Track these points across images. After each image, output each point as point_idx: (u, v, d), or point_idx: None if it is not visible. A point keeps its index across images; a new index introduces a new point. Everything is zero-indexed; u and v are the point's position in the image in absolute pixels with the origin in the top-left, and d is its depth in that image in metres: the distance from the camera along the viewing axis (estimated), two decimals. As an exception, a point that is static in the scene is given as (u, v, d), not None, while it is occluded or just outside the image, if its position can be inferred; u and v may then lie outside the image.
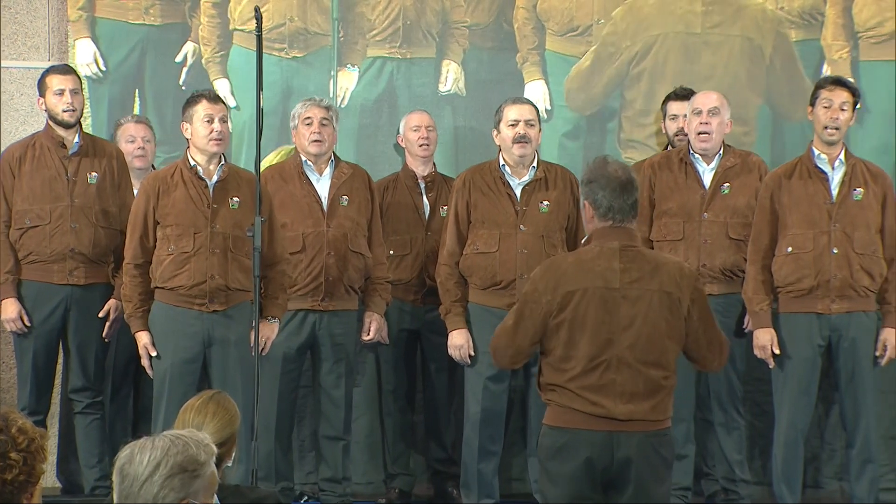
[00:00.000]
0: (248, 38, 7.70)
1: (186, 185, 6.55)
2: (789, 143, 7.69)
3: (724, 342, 4.87)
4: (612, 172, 4.76)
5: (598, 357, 4.66)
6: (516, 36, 7.77)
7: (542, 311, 4.71)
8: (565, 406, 4.70)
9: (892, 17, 7.63)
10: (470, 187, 6.95)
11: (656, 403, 4.70)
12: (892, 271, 6.80)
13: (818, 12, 7.70)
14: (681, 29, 7.71)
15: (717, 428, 7.07)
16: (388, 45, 7.77)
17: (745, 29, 7.70)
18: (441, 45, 7.78)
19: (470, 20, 7.79)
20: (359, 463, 7.44)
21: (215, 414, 4.13)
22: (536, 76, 7.78)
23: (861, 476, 6.82)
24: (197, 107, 6.59)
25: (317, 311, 6.94)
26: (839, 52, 7.67)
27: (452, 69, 7.78)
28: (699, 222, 6.98)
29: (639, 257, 4.73)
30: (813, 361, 6.78)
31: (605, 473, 4.68)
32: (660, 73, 7.74)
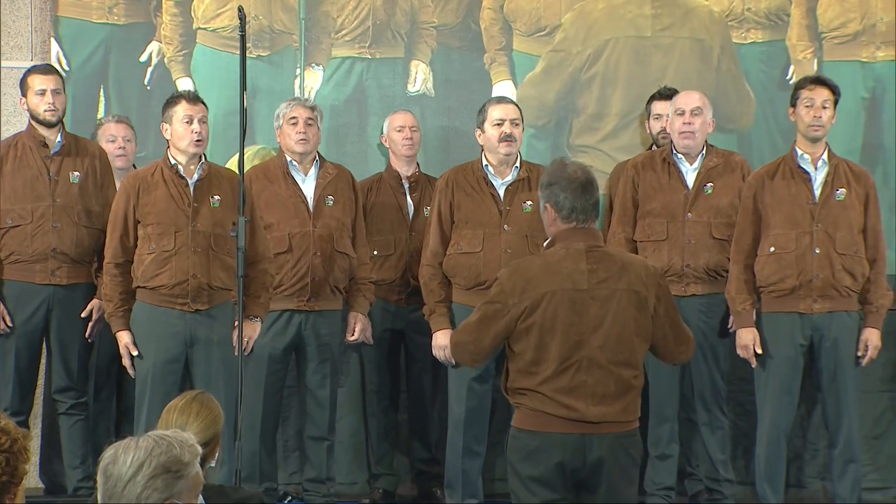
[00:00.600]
0: (212, 36, 7.69)
1: (167, 183, 6.54)
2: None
3: (690, 338, 4.89)
4: (571, 174, 4.77)
5: (569, 359, 4.66)
6: (483, 36, 7.77)
7: (509, 313, 4.71)
8: (537, 409, 4.69)
9: (856, 18, 7.68)
10: (453, 187, 6.95)
11: (627, 404, 4.71)
12: (874, 271, 6.82)
13: (784, 13, 7.73)
14: (631, 33, 7.73)
15: (701, 427, 7.07)
16: (357, 46, 7.75)
17: (695, 31, 7.73)
18: (409, 46, 7.77)
19: (438, 20, 7.78)
20: (342, 463, 7.43)
21: (199, 414, 4.12)
22: (504, 76, 7.78)
23: (843, 476, 6.84)
24: (177, 107, 6.58)
25: (302, 312, 6.93)
26: (804, 53, 7.71)
27: (421, 69, 7.77)
28: (683, 222, 6.99)
29: (605, 257, 4.74)
30: (795, 361, 6.80)
31: (576, 475, 4.68)
32: (611, 78, 7.74)
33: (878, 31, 7.66)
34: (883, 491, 7.56)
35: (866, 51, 7.68)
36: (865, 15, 7.65)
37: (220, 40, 7.73)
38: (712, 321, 6.99)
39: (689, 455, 7.23)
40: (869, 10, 7.65)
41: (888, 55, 7.68)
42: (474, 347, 4.80)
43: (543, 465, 4.67)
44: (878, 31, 7.66)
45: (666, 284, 4.83)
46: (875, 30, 7.66)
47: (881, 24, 7.65)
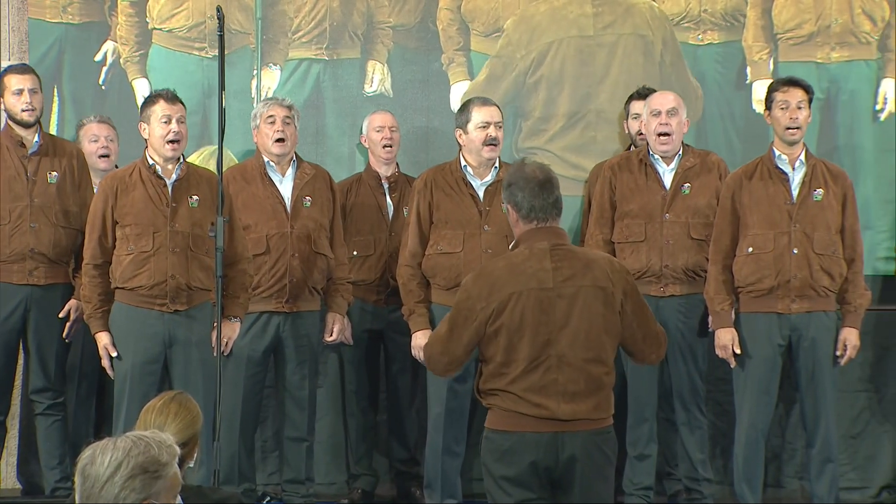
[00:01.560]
0: (168, 37, 7.67)
1: (145, 184, 6.53)
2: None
3: (661, 337, 4.87)
4: (529, 173, 4.78)
5: (538, 358, 4.66)
6: (441, 37, 7.76)
7: (477, 318, 4.70)
8: (509, 410, 4.69)
9: (811, 19, 7.71)
10: (432, 188, 6.94)
11: (598, 402, 4.70)
12: (852, 271, 6.84)
13: (740, 14, 7.75)
14: (574, 33, 7.74)
15: (680, 427, 7.08)
16: (314, 47, 7.74)
17: (637, 26, 7.74)
18: (366, 46, 7.76)
19: (395, 21, 7.77)
20: (321, 463, 7.42)
21: (177, 414, 4.11)
22: (462, 77, 7.77)
23: (821, 475, 6.85)
24: (154, 107, 6.57)
25: (281, 313, 6.92)
26: (759, 54, 7.73)
27: (378, 70, 7.76)
28: (661, 223, 7.00)
29: (569, 255, 4.74)
30: (773, 361, 6.81)
31: (549, 473, 4.68)
32: (556, 79, 7.74)
33: (833, 32, 7.71)
34: (860, 490, 7.59)
35: (821, 52, 7.72)
36: (820, 16, 7.70)
37: (176, 41, 7.70)
38: (691, 321, 7.00)
39: (667, 455, 7.24)
40: (824, 11, 7.70)
41: (843, 56, 7.72)
42: (447, 359, 4.81)
43: (517, 465, 4.67)
44: (833, 32, 7.71)
45: (633, 281, 4.81)
46: (830, 31, 7.71)
47: (836, 25, 7.69)
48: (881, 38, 7.72)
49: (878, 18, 7.71)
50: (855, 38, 7.71)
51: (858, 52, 7.73)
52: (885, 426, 7.64)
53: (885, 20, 7.71)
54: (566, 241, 4.79)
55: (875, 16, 7.71)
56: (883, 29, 7.72)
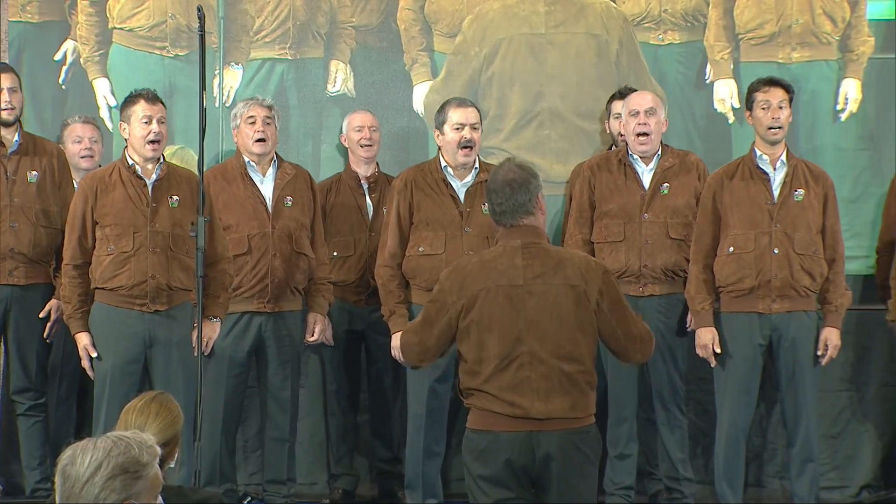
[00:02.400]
0: (128, 36, 7.65)
1: (125, 184, 6.51)
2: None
3: (645, 336, 4.82)
4: (502, 175, 4.79)
5: (509, 355, 4.66)
6: (403, 37, 7.76)
7: (448, 312, 4.73)
8: (485, 409, 4.70)
9: (772, 20, 7.74)
10: (412, 188, 6.93)
11: (574, 400, 4.68)
12: (833, 271, 6.86)
13: (701, 14, 7.78)
14: (525, 30, 7.75)
15: (660, 427, 7.09)
16: (277, 47, 7.72)
17: (590, 26, 7.75)
18: (329, 46, 7.75)
19: (358, 21, 7.76)
20: (302, 464, 7.42)
21: (157, 414, 4.11)
22: (425, 78, 7.77)
23: (801, 475, 6.87)
24: (135, 107, 6.55)
25: (263, 314, 6.91)
26: (721, 54, 7.76)
27: (341, 69, 7.75)
28: (640, 223, 7.00)
29: (541, 253, 4.74)
30: (754, 361, 6.83)
31: (527, 472, 4.68)
32: (508, 77, 7.75)
33: (794, 32, 7.74)
34: (841, 490, 7.61)
35: (782, 52, 7.75)
36: (781, 16, 7.73)
37: (137, 40, 7.68)
38: (670, 321, 7.01)
39: (648, 454, 7.25)
40: (785, 11, 7.73)
41: (804, 56, 7.76)
42: (419, 348, 4.83)
43: (493, 464, 4.68)
44: (794, 32, 7.74)
45: (611, 280, 4.78)
46: (791, 31, 7.74)
47: (797, 25, 7.73)
48: (842, 38, 7.76)
49: (839, 19, 7.75)
50: (816, 38, 7.75)
51: (819, 52, 7.76)
52: (866, 426, 7.66)
53: (845, 21, 7.75)
54: (541, 240, 4.78)
55: (835, 16, 7.75)
56: (843, 29, 7.76)
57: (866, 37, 7.75)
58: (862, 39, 7.75)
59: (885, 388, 7.62)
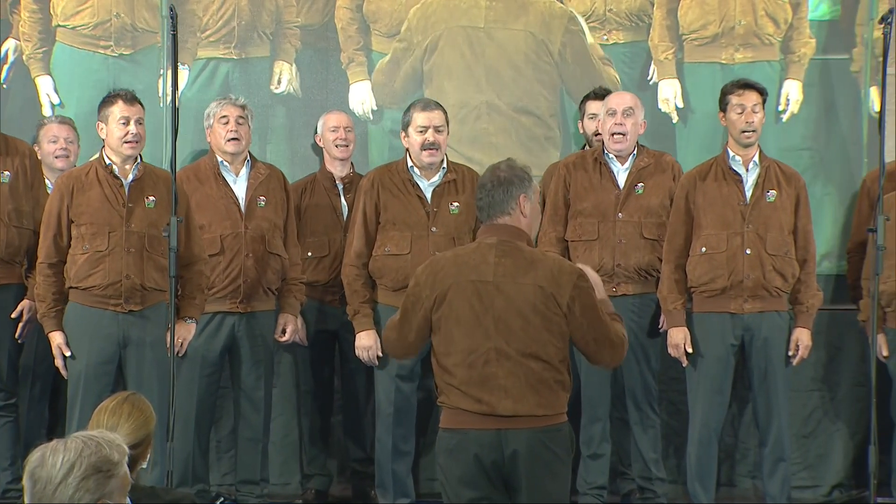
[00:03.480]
0: (72, 34, 7.63)
1: (101, 184, 6.50)
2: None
3: (617, 341, 4.78)
4: (490, 172, 4.83)
5: (476, 350, 4.67)
6: (340, 36, 7.76)
7: (423, 305, 4.75)
8: (454, 407, 4.71)
9: (715, 21, 7.79)
10: (378, 188, 6.94)
11: (543, 399, 4.68)
12: (805, 272, 6.89)
13: (645, 14, 7.82)
14: (465, 23, 7.78)
15: (633, 427, 7.11)
16: (222, 46, 7.71)
17: (529, 24, 7.78)
18: (274, 46, 7.74)
19: (304, 21, 7.76)
20: (275, 464, 7.41)
21: (130, 415, 4.10)
22: (362, 77, 7.77)
23: (773, 474, 6.90)
24: (113, 108, 6.54)
25: (235, 314, 6.91)
26: (665, 54, 7.80)
27: (285, 69, 7.75)
28: (614, 222, 7.03)
29: (515, 252, 4.74)
30: (726, 361, 6.85)
31: (498, 470, 4.68)
32: (446, 69, 7.78)
33: (737, 33, 7.79)
34: (812, 489, 7.64)
35: (725, 53, 7.80)
36: (724, 18, 7.78)
37: (80, 38, 7.66)
38: (643, 321, 7.03)
39: (621, 454, 7.27)
40: (728, 12, 7.78)
41: (746, 57, 7.80)
42: (400, 343, 4.86)
43: (464, 463, 4.69)
44: (737, 33, 7.79)
45: (585, 285, 4.73)
46: (734, 32, 7.79)
47: (739, 27, 7.78)
48: (784, 39, 7.82)
49: (781, 20, 7.81)
50: (758, 39, 7.81)
51: (762, 53, 7.82)
52: (837, 425, 7.69)
53: (787, 22, 7.81)
54: (516, 240, 4.77)
55: (778, 18, 7.81)
56: (786, 31, 7.81)
57: (808, 38, 7.82)
58: (803, 41, 7.82)
59: (857, 387, 7.65)
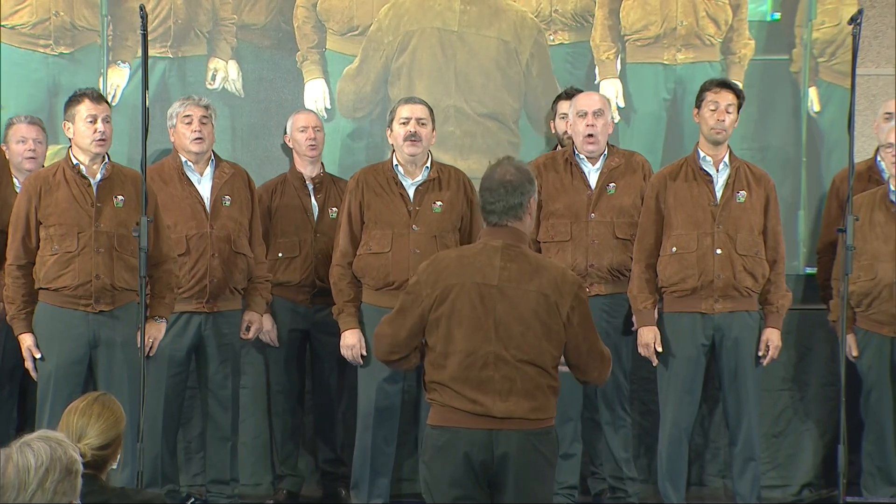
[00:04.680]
0: (10, 33, 7.58)
1: (69, 184, 6.47)
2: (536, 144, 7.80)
3: (607, 356, 4.85)
4: (497, 173, 4.80)
5: (475, 352, 4.68)
6: (296, 34, 7.75)
7: (422, 304, 4.74)
8: (446, 405, 4.72)
9: (657, 21, 7.83)
10: (363, 188, 6.94)
11: (536, 403, 4.71)
12: (774, 272, 6.91)
13: (589, 14, 7.85)
14: (438, 25, 7.79)
15: (604, 426, 7.13)
16: (158, 45, 7.68)
17: (502, 32, 7.81)
18: (211, 43, 7.73)
19: (247, 19, 7.74)
20: (246, 464, 7.40)
21: (100, 416, 4.09)
22: (316, 75, 7.77)
23: (743, 474, 6.92)
24: (80, 106, 6.51)
25: (202, 313, 6.89)
26: (607, 54, 7.84)
27: (220, 67, 7.74)
28: (586, 223, 7.04)
29: (520, 257, 4.76)
30: (696, 361, 6.87)
31: (485, 470, 4.69)
32: (417, 69, 7.79)
33: (679, 34, 7.83)
34: (782, 488, 7.66)
35: (667, 53, 7.84)
36: (666, 18, 7.83)
37: (20, 37, 7.62)
38: (615, 320, 7.05)
39: (592, 454, 7.28)
40: (669, 13, 7.82)
41: (688, 58, 7.85)
42: (391, 340, 4.82)
43: (452, 461, 4.69)
44: (679, 34, 7.83)
45: (584, 296, 4.78)
46: (675, 33, 7.83)
47: (681, 27, 7.82)
48: (724, 40, 7.86)
49: (722, 22, 7.86)
50: (699, 40, 7.86)
51: (703, 54, 7.86)
52: (807, 425, 7.72)
53: (727, 23, 7.86)
54: (522, 245, 4.79)
55: (719, 19, 7.86)
56: (726, 32, 7.85)
57: (747, 39, 7.88)
58: (743, 42, 7.87)
59: (826, 387, 7.68)
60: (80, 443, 3.96)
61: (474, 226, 6.94)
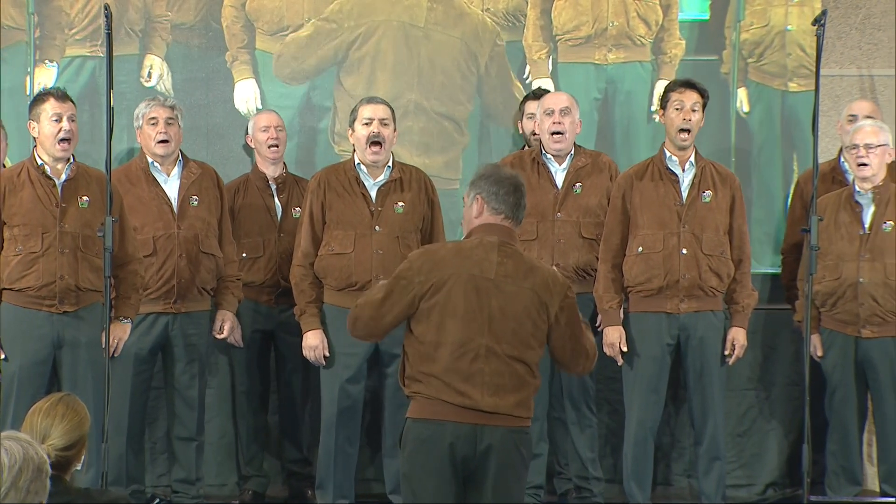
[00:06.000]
0: None
1: (34, 184, 6.44)
2: (496, 145, 7.82)
3: (591, 352, 4.93)
4: (505, 172, 4.88)
5: (467, 344, 4.71)
6: (225, 34, 7.73)
7: (413, 291, 4.75)
8: (433, 397, 4.73)
9: (588, 21, 7.86)
10: (325, 188, 6.92)
11: (521, 400, 4.75)
12: (740, 272, 6.94)
13: (521, 14, 7.88)
14: (405, 19, 7.80)
15: (570, 426, 7.14)
16: (88, 44, 7.64)
17: (465, 34, 7.83)
18: (144, 41, 7.69)
19: (176, 18, 7.70)
20: (212, 465, 7.38)
21: (64, 416, 4.06)
22: (246, 75, 7.75)
23: (708, 473, 6.94)
24: (44, 105, 6.49)
25: (169, 314, 6.87)
26: (539, 53, 7.87)
27: (156, 65, 7.71)
28: (552, 222, 7.05)
29: (516, 255, 4.81)
30: (662, 360, 6.89)
31: (466, 465, 4.71)
32: (381, 61, 7.78)
33: (610, 34, 7.86)
34: (747, 488, 7.69)
35: (598, 53, 7.88)
36: (597, 18, 7.86)
37: None
38: (581, 321, 7.06)
39: (558, 454, 7.29)
40: (601, 13, 7.86)
41: (619, 58, 7.88)
42: (374, 323, 4.83)
43: (436, 453, 4.71)
44: (610, 34, 7.86)
45: (573, 297, 4.86)
46: (606, 33, 7.86)
47: (612, 28, 7.86)
48: (655, 41, 7.89)
49: (652, 22, 7.89)
50: (630, 40, 7.89)
51: (634, 54, 7.89)
52: (772, 424, 7.75)
53: (658, 23, 7.89)
54: (516, 243, 4.85)
55: (649, 19, 7.89)
56: (657, 32, 7.88)
57: (678, 39, 7.91)
58: (674, 42, 7.91)
59: (790, 387, 7.71)
60: (44, 443, 3.94)
61: (435, 226, 6.94)
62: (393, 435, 6.80)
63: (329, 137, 7.76)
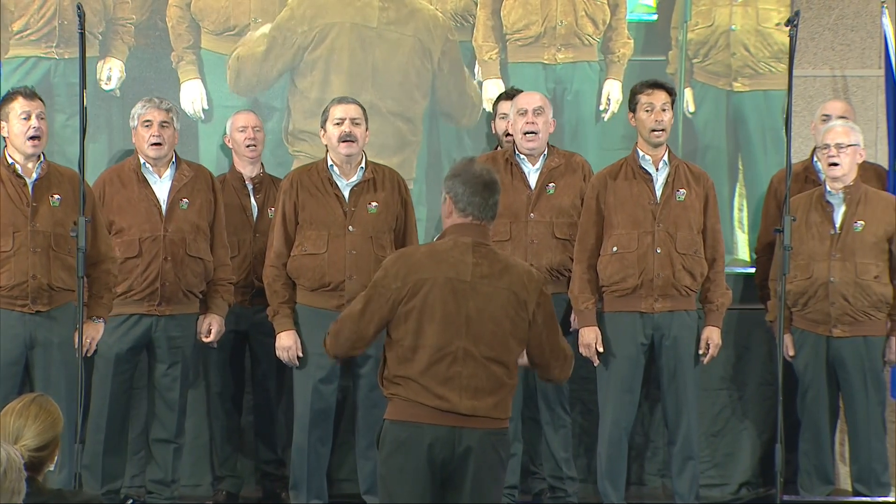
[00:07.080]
0: None
1: (4, 183, 6.42)
2: (444, 142, 7.84)
3: (569, 354, 4.92)
4: (476, 171, 4.82)
5: (445, 347, 4.70)
6: (170, 34, 7.71)
7: (391, 297, 4.73)
8: (410, 400, 4.72)
9: (537, 21, 7.89)
10: (297, 188, 6.90)
11: (499, 401, 4.74)
12: (714, 271, 6.95)
13: (470, 14, 7.89)
14: (357, 20, 7.80)
15: (544, 426, 7.15)
16: (44, 45, 7.61)
17: (418, 31, 7.84)
18: (104, 43, 7.66)
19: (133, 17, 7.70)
20: (186, 465, 7.34)
21: (37, 417, 4.05)
22: (192, 76, 7.73)
23: (682, 472, 6.96)
24: (13, 104, 6.47)
25: (153, 315, 6.84)
26: (489, 54, 7.88)
27: (116, 67, 7.68)
28: (526, 222, 7.06)
29: (491, 255, 4.79)
30: (636, 360, 6.90)
31: (444, 468, 4.71)
32: (335, 63, 7.78)
33: (559, 34, 7.89)
34: (720, 487, 7.71)
35: (548, 53, 7.90)
36: (546, 18, 7.88)
37: None
38: (555, 321, 7.06)
39: (532, 454, 7.30)
40: (550, 13, 7.88)
41: (568, 57, 7.91)
42: (355, 336, 4.80)
43: (414, 456, 4.70)
44: (559, 34, 7.89)
45: (548, 294, 4.84)
46: (556, 32, 7.89)
47: (561, 27, 7.88)
48: (603, 40, 7.92)
49: (600, 21, 7.92)
50: (579, 40, 7.91)
51: (582, 53, 7.92)
52: (745, 423, 7.77)
53: (605, 23, 7.92)
54: (490, 242, 4.83)
55: (597, 19, 7.92)
56: (604, 31, 7.91)
57: (626, 39, 7.93)
58: (622, 41, 7.93)
59: (764, 386, 7.73)
60: (17, 444, 3.92)
61: (408, 226, 6.94)
62: (366, 436, 6.80)
63: (283, 138, 7.74)
